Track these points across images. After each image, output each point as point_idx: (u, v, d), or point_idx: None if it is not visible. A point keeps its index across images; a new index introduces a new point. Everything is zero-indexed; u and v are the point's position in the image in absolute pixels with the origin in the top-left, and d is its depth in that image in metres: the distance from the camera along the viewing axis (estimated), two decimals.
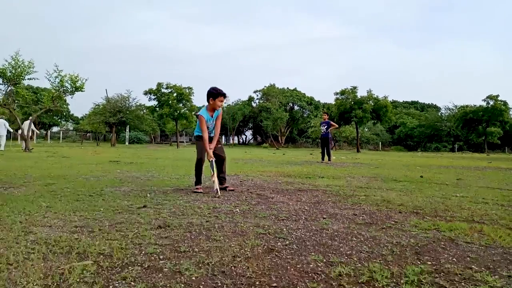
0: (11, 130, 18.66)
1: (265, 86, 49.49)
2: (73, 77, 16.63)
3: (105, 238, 2.35)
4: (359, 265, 1.96)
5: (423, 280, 1.77)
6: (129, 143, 41.63)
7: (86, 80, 17.00)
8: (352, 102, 27.64)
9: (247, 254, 2.08)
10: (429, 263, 2.05)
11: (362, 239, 2.52)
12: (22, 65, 15.25)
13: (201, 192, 4.44)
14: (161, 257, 2.00)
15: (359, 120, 27.88)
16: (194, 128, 5.98)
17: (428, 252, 2.27)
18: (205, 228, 2.67)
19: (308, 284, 1.69)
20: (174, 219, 2.95)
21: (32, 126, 17.71)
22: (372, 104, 27.84)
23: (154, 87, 29.81)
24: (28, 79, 15.60)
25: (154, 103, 30.70)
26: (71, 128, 61.19)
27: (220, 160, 4.89)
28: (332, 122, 12.45)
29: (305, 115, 54.47)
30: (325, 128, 12.01)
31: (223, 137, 63.33)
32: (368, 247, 2.32)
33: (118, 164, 8.93)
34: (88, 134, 52.47)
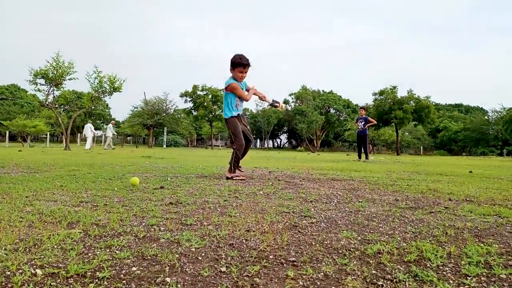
0: (94, 132, 21.45)
1: (299, 89, 48.80)
2: (111, 77, 17.03)
3: (106, 211, 2.08)
4: (404, 244, 1.56)
5: (491, 262, 1.34)
6: (166, 146, 42.43)
7: (124, 81, 17.38)
8: (392, 103, 26.45)
9: (264, 229, 1.72)
10: (496, 245, 1.60)
11: (406, 221, 2.09)
12: (63, 65, 15.79)
13: (242, 179, 4.03)
14: (161, 228, 1.70)
15: (400, 121, 26.63)
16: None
17: (492, 235, 1.81)
18: (221, 205, 2.35)
19: (337, 260, 1.31)
20: (189, 197, 2.65)
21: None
22: (414, 104, 26.52)
23: (190, 90, 30.11)
24: (69, 79, 16.12)
25: (189, 105, 31.03)
26: (113, 132, 63.42)
27: (247, 141, 4.40)
28: (370, 118, 11.79)
29: (341, 118, 53.19)
30: (362, 125, 11.37)
31: (258, 140, 63.21)
32: (415, 228, 1.90)
33: (149, 158, 8.86)
34: (128, 138, 54.09)
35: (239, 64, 4.14)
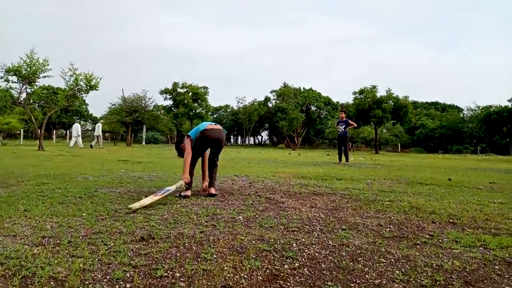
0: (79, 135, 22.38)
1: (281, 87, 48.76)
2: (87, 75, 16.46)
3: (70, 254, 1.89)
4: None
5: None
6: (145, 143, 41.62)
7: (100, 79, 16.80)
8: (371, 102, 26.69)
9: (241, 283, 1.58)
10: None
11: (392, 259, 1.99)
12: (37, 63, 15.14)
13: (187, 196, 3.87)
14: (127, 286, 1.53)
15: (379, 120, 26.91)
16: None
17: (482, 281, 1.72)
18: (197, 241, 2.19)
19: None
20: (163, 228, 2.48)
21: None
22: (392, 104, 26.84)
23: (170, 87, 29.55)
24: (43, 77, 15.48)
25: (169, 102, 30.48)
26: (90, 128, 61.89)
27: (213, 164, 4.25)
28: (350, 121, 11.81)
29: (322, 115, 53.55)
30: (343, 128, 11.37)
31: (239, 137, 62.94)
32: (402, 272, 1.79)
33: (125, 163, 8.57)
34: (106, 134, 52.86)
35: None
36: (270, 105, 52.08)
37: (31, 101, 16.84)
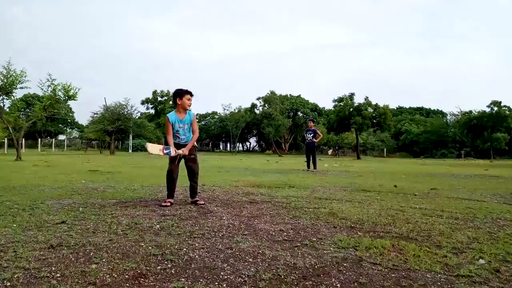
0: None
1: (267, 93, 49.42)
2: (66, 86, 16.71)
3: None
4: None
5: None
6: (132, 150, 41.70)
7: (79, 89, 17.08)
8: (351, 109, 27.32)
9: (107, 281, 1.91)
10: (304, 286, 1.86)
11: (259, 259, 2.33)
12: (14, 74, 15.37)
13: (166, 206, 4.19)
14: (8, 284, 1.84)
15: (359, 126, 27.54)
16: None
17: (318, 276, 2.07)
18: (98, 248, 2.50)
19: None
20: (78, 237, 2.78)
21: None
22: (372, 111, 27.51)
23: (151, 96, 29.86)
24: (20, 87, 15.70)
25: (152, 111, 30.75)
26: (77, 136, 61.65)
27: (192, 171, 4.57)
28: (318, 131, 12.24)
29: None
30: (312, 136, 11.79)
31: (228, 144, 63.25)
32: (256, 269, 2.14)
33: (94, 174, 8.83)
34: (93, 142, 52.77)
35: (186, 92, 4.46)
36: (257, 111, 52.62)
37: (8, 110, 16.93)
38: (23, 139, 28.44)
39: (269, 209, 4.18)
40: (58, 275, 1.98)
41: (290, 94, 54.20)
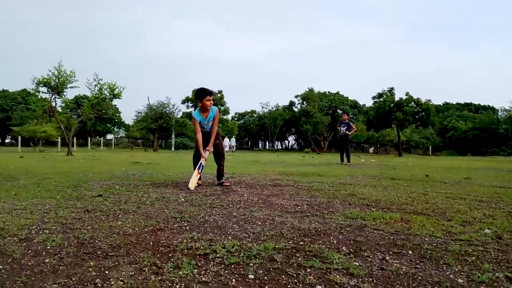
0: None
1: (305, 91, 49.10)
2: (111, 85, 17.73)
3: (25, 217, 2.56)
4: (229, 241, 1.99)
5: (262, 253, 1.76)
6: (175, 149, 43.14)
7: (123, 88, 18.05)
8: (391, 105, 26.58)
9: (128, 232, 2.19)
10: (302, 242, 2.02)
11: (267, 223, 2.52)
12: (64, 74, 16.55)
13: (198, 185, 4.57)
14: (46, 231, 2.17)
15: (400, 122, 26.73)
16: (236, 133, 5.59)
17: (319, 235, 2.23)
18: (125, 212, 2.81)
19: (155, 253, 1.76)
20: (110, 205, 3.12)
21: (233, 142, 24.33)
22: (414, 106, 26.60)
23: (190, 95, 30.78)
24: (70, 87, 16.89)
25: (192, 110, 31.67)
26: (124, 135, 64.59)
27: (219, 155, 5.02)
28: (352, 124, 12.13)
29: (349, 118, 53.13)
30: (345, 129, 11.74)
31: (267, 142, 63.57)
32: (261, 229, 2.33)
33: (135, 165, 9.40)
34: (138, 141, 55.10)
35: (205, 93, 4.81)
36: (295, 109, 52.45)
37: (61, 110, 18.24)
38: (74, 137, 30.38)
39: (290, 190, 4.35)
40: (89, 227, 2.29)
41: (328, 91, 53.52)
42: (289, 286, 1.43)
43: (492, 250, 1.99)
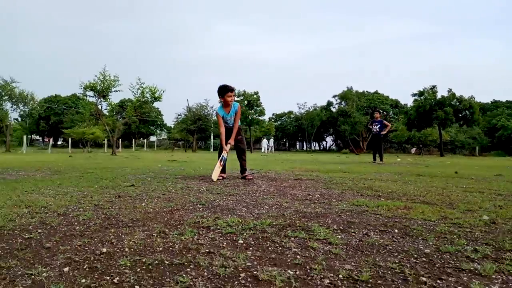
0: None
1: (343, 90, 48.40)
2: (152, 88, 18.64)
3: (59, 198, 2.98)
4: (231, 218, 2.26)
5: (257, 227, 2.01)
6: (213, 150, 44.20)
7: (163, 91, 18.93)
8: (433, 103, 25.66)
9: (149, 211, 2.52)
10: (298, 221, 2.25)
11: (274, 208, 2.75)
12: (109, 79, 17.65)
13: (222, 178, 4.99)
14: (80, 211, 2.55)
15: (441, 121, 25.76)
16: (273, 134, 5.99)
17: (317, 217, 2.43)
18: (151, 197, 3.16)
19: (167, 229, 2.07)
20: (139, 192, 3.49)
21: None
22: (457, 104, 25.53)
23: None
24: (114, 91, 17.99)
25: None
26: (166, 137, 66.94)
27: (240, 150, 5.41)
28: (385, 122, 11.99)
29: (388, 118, 51.78)
30: (378, 127, 11.64)
31: (304, 143, 63.27)
32: (266, 211, 2.57)
33: (171, 162, 9.94)
34: (179, 142, 56.90)
35: (226, 90, 5.16)
36: (333, 109, 51.87)
37: (106, 112, 19.41)
38: (120, 139, 32.04)
39: (308, 184, 4.54)
40: (116, 207, 2.65)
41: (366, 91, 52.42)
42: (270, 248, 1.67)
43: (478, 232, 2.10)
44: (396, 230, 2.09)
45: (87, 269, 1.37)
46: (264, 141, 33.36)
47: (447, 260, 1.56)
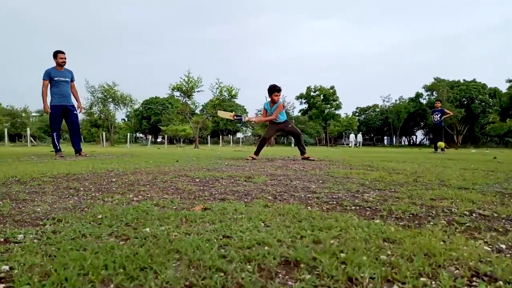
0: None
1: (432, 82, 45.25)
2: (229, 87, 20.18)
3: (127, 163, 4.09)
4: (227, 175, 3.06)
5: (269, 180, 2.78)
6: (294, 145, 45.03)
7: (239, 90, 20.36)
8: None
9: (178, 186, 3.45)
10: (285, 181, 2.96)
11: (271, 176, 3.48)
12: (193, 80, 19.62)
13: (248, 160, 5.95)
14: (140, 167, 3.59)
15: None
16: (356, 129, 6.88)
17: (309, 181, 3.10)
18: (183, 175, 4.11)
19: (170, 193, 2.96)
20: (178, 165, 4.48)
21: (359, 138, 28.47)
22: None
23: (304, 92, 32.05)
24: (197, 91, 19.93)
25: (305, 106, 32.91)
26: (250, 134, 69.82)
27: (296, 136, 6.62)
28: (446, 110, 11.58)
29: (488, 110, 46.86)
30: (438, 117, 11.31)
31: (393, 137, 60.47)
32: (265, 176, 3.32)
33: (236, 152, 11.06)
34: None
35: (274, 90, 6.20)
36: (423, 101, 48.78)
37: (198, 112, 21.49)
38: (209, 136, 34.70)
39: (314, 163, 5.11)
40: (146, 183, 3.64)
41: (463, 79, 48.09)
42: (244, 183, 2.45)
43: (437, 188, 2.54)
44: (357, 182, 2.67)
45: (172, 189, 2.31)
46: (352, 136, 33.75)
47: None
